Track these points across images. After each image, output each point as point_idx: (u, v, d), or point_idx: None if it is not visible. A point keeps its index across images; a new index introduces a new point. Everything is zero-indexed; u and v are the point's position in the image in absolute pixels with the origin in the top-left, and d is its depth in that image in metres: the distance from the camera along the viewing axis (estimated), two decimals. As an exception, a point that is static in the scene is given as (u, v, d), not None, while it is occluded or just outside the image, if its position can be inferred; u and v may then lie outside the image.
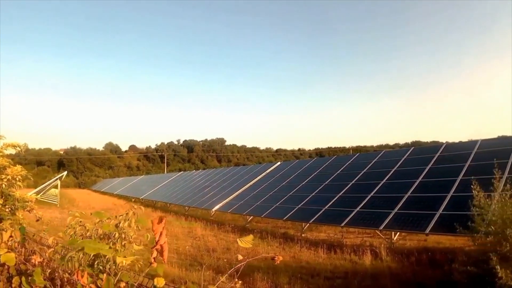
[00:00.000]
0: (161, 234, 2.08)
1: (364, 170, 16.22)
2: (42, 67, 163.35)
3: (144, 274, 2.32)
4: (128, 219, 2.98)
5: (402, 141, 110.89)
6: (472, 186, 7.22)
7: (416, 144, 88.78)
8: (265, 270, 8.81)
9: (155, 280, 2.08)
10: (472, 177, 8.02)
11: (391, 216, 11.15)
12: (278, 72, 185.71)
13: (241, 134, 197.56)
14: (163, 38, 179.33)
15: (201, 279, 7.59)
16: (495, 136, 14.11)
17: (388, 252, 10.20)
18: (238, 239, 2.22)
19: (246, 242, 2.18)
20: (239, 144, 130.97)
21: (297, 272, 8.97)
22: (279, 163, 25.62)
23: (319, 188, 16.46)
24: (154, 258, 2.13)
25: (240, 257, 2.17)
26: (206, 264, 9.94)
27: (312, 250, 11.47)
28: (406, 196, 12.00)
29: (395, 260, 9.69)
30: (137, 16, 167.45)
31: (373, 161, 16.89)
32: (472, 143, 13.91)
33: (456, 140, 16.62)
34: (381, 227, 10.87)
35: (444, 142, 18.44)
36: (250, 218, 18.08)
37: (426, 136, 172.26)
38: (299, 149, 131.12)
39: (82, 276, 2.10)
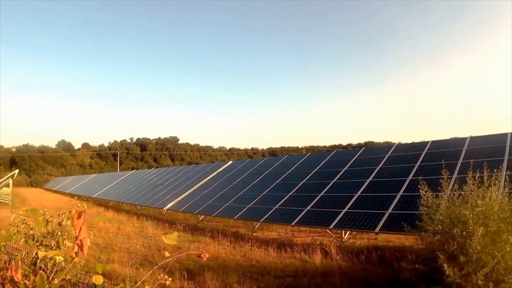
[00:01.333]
0: (80, 229, 2.01)
1: (315, 170, 16.37)
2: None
3: (68, 268, 2.31)
4: (71, 217, 2.92)
5: (355, 141, 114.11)
6: (419, 186, 7.36)
7: (369, 145, 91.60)
8: (216, 269, 8.72)
9: (94, 277, 2.09)
10: (420, 177, 8.22)
11: (341, 215, 11.25)
12: (234, 71, 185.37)
13: (194, 133, 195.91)
14: (105, 35, 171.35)
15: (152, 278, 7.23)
16: (448, 137, 14.59)
17: (338, 250, 10.27)
18: (163, 236, 2.32)
19: (171, 239, 2.31)
20: (192, 143, 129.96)
21: (248, 271, 8.89)
22: (231, 162, 25.43)
23: (270, 187, 16.43)
24: (75, 253, 2.10)
25: (166, 254, 2.29)
26: (157, 263, 9.55)
27: (263, 249, 11.37)
28: (357, 195, 12.17)
29: (345, 258, 9.76)
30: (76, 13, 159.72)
31: (324, 161, 17.10)
32: (423, 144, 14.36)
33: (409, 141, 17.08)
34: (332, 226, 10.93)
35: (396, 143, 18.95)
36: (201, 217, 17.77)
37: (379, 137, 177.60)
38: (252, 149, 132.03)
39: (16, 272, 2.16)
